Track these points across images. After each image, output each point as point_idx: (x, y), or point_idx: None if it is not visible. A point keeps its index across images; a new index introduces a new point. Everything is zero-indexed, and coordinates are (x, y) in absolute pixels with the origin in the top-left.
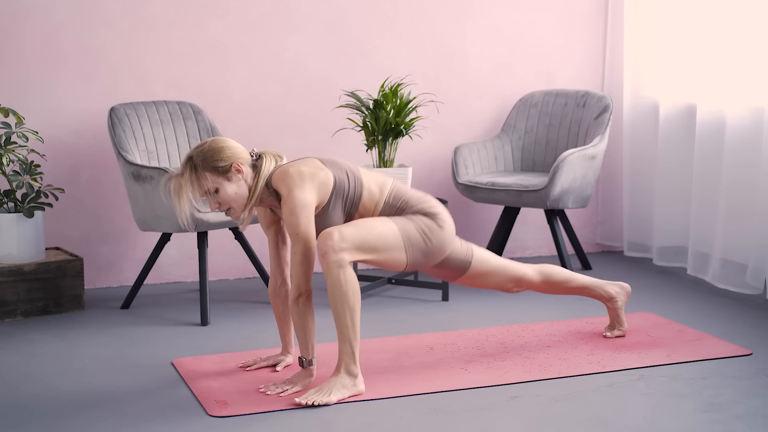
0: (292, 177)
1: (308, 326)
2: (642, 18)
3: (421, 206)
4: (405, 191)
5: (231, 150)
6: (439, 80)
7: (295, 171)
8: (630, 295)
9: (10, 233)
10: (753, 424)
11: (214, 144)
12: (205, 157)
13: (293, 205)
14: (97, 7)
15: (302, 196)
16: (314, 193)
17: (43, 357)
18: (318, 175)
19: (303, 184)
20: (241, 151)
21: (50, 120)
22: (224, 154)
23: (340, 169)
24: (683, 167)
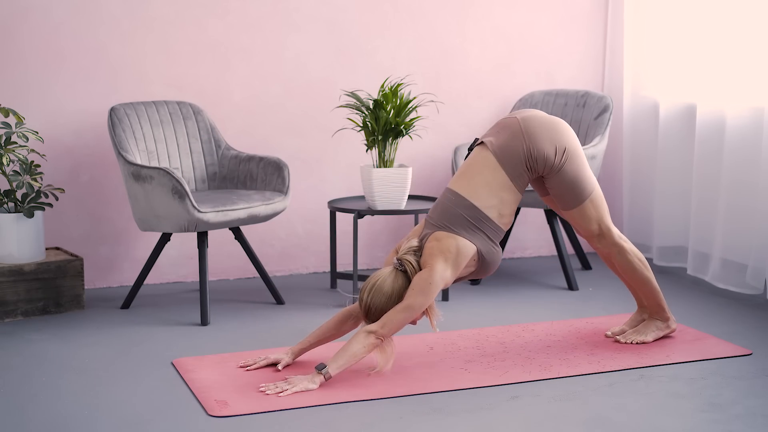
0: (432, 255)
1: (355, 356)
2: (642, 18)
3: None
4: (514, 153)
5: (395, 293)
6: (439, 80)
7: (437, 249)
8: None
9: (10, 233)
10: (752, 424)
11: (380, 295)
12: (379, 313)
13: (427, 276)
14: (97, 7)
15: (438, 271)
16: (451, 268)
17: (43, 357)
18: (452, 250)
19: (441, 259)
20: (396, 282)
21: (50, 120)
22: (393, 303)
23: (466, 226)
24: (683, 167)
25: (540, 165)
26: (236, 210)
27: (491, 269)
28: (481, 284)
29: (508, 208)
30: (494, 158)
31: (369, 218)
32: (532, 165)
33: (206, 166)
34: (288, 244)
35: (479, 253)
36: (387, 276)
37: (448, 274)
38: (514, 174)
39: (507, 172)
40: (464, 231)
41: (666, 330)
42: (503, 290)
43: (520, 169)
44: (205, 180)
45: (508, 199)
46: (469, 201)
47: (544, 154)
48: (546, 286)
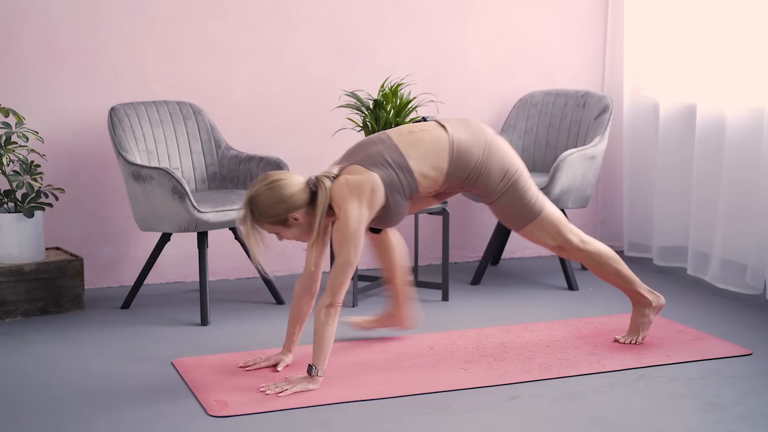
0: (342, 195)
1: (328, 337)
2: (642, 18)
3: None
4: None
5: (285, 202)
6: (439, 80)
7: (345, 186)
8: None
9: (10, 233)
10: (752, 424)
11: (269, 196)
12: (260, 213)
13: (345, 222)
14: (97, 7)
15: (355, 213)
16: (366, 209)
17: (43, 357)
18: (364, 186)
19: (353, 199)
20: (298, 195)
21: (50, 120)
22: (278, 208)
23: (384, 166)
24: (683, 167)
25: (479, 185)
26: (236, 210)
27: (391, 220)
28: (481, 284)
29: (428, 181)
30: (448, 145)
31: None
32: (473, 179)
33: (206, 166)
34: (288, 244)
35: (385, 192)
36: (295, 183)
37: (365, 215)
38: (453, 171)
39: (450, 162)
40: (380, 169)
41: (654, 312)
42: (503, 290)
43: (462, 173)
44: (205, 180)
45: (432, 176)
46: (401, 150)
47: (488, 178)
48: (546, 286)
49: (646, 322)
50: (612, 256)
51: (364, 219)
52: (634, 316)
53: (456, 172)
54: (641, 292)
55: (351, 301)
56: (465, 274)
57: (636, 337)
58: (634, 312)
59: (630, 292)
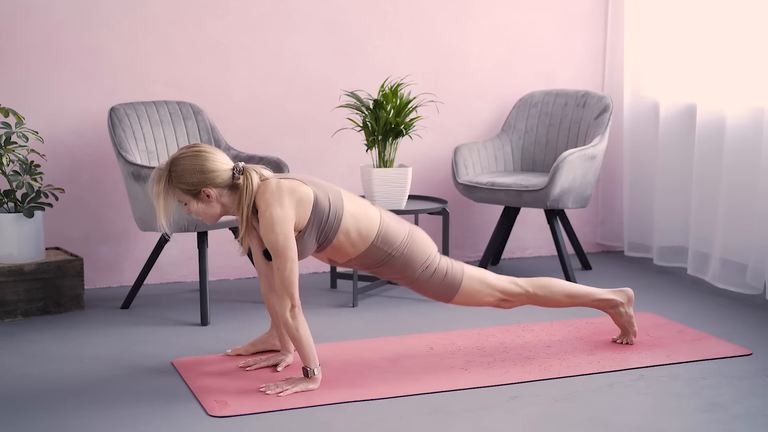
0: (272, 192)
1: (305, 337)
2: (642, 18)
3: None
4: (392, 239)
5: (204, 175)
6: (439, 80)
7: (275, 186)
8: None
9: (10, 233)
10: (753, 424)
11: (190, 163)
12: (178, 176)
13: (271, 221)
14: (97, 7)
15: (280, 212)
16: (292, 209)
17: (43, 357)
18: (298, 191)
19: (282, 199)
20: (217, 174)
21: (50, 120)
22: (195, 178)
23: (322, 190)
24: (683, 167)
25: (399, 264)
26: None
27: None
28: None
29: (348, 242)
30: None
31: None
32: (397, 256)
33: None
34: None
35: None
36: (222, 162)
37: (289, 213)
38: (377, 244)
39: (377, 236)
40: (320, 194)
41: (628, 308)
42: None
43: (386, 248)
44: None
45: (354, 240)
46: (343, 200)
47: (411, 256)
48: None
49: (627, 320)
50: (552, 281)
51: (289, 215)
52: (614, 319)
53: (380, 245)
54: (604, 298)
55: (351, 302)
56: None
57: (628, 336)
58: (612, 317)
59: (593, 304)
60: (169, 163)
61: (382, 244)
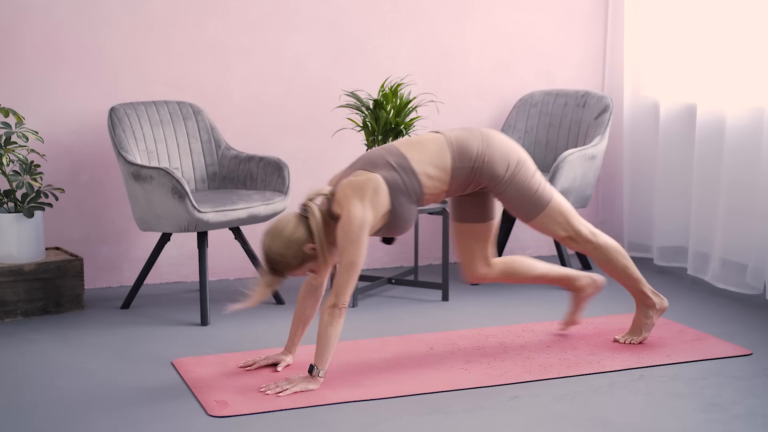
0: (346, 196)
1: (331, 338)
2: (642, 18)
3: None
4: (467, 150)
5: (293, 242)
6: (439, 80)
7: (349, 189)
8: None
9: (10, 233)
10: (753, 424)
11: (277, 245)
12: (281, 262)
13: (349, 225)
14: (97, 7)
15: (357, 215)
16: (369, 209)
17: (43, 357)
18: (367, 187)
19: (357, 200)
20: (297, 230)
21: (50, 120)
22: (291, 250)
23: (387, 168)
24: (683, 167)
25: (485, 173)
26: (236, 210)
27: (402, 226)
28: (481, 284)
29: (433, 181)
30: (446, 141)
31: None
32: (478, 167)
33: (206, 166)
34: None
35: (390, 195)
36: (290, 221)
37: (369, 215)
38: (458, 164)
39: (452, 156)
40: (383, 170)
41: (658, 314)
42: (503, 290)
43: (466, 164)
44: (205, 180)
45: (436, 175)
46: (400, 150)
47: (493, 164)
48: (546, 285)
49: (648, 324)
50: (621, 251)
51: (368, 219)
52: (637, 316)
53: (460, 164)
54: (646, 293)
55: (351, 302)
56: None
57: (636, 337)
58: (637, 312)
59: (635, 291)
60: (265, 262)
61: (460, 162)
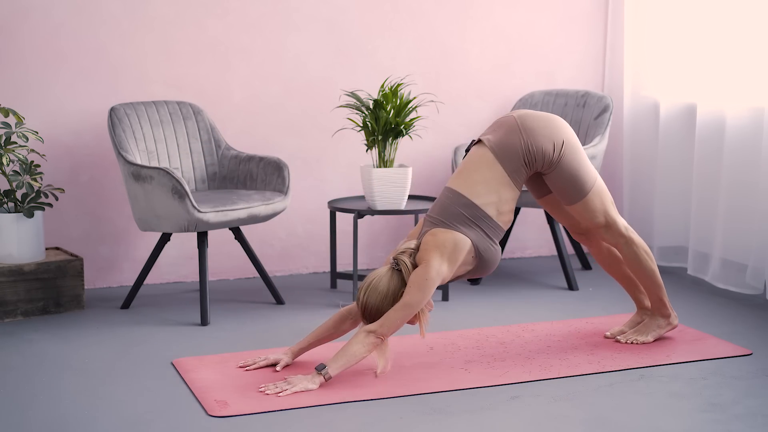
0: (428, 249)
1: (355, 355)
2: (642, 18)
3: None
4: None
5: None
6: (439, 80)
7: (433, 244)
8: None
9: (10, 233)
10: (753, 424)
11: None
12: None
13: (424, 272)
14: (97, 7)
15: (434, 266)
16: (447, 263)
17: (43, 357)
18: (448, 245)
19: (437, 253)
20: (392, 282)
21: (50, 120)
22: (388, 302)
23: (466, 225)
24: (683, 167)
25: (539, 160)
26: (236, 210)
27: (489, 268)
28: (481, 284)
29: (506, 205)
30: (492, 155)
31: (369, 218)
32: (530, 160)
33: (206, 166)
34: (288, 244)
35: (476, 249)
36: (383, 275)
37: (444, 269)
38: (512, 169)
39: (505, 167)
40: (462, 227)
41: (667, 327)
42: (503, 290)
43: (518, 164)
44: (205, 180)
45: (506, 196)
46: (468, 198)
47: (542, 149)
48: (546, 286)
49: (657, 332)
50: (650, 254)
51: (444, 272)
52: (649, 321)
53: (514, 167)
54: (665, 302)
55: (351, 302)
56: None
57: (642, 336)
58: (650, 318)
59: (655, 298)
60: (364, 318)
61: (511, 165)
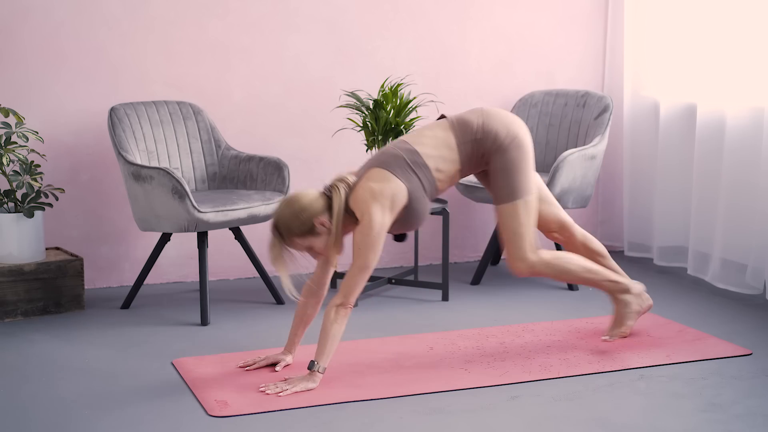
0: (364, 200)
1: (334, 335)
2: (642, 18)
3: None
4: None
5: (307, 210)
6: (439, 80)
7: (370, 193)
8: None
9: (10, 233)
10: (753, 424)
11: (291, 208)
12: (287, 227)
13: (368, 230)
14: (97, 8)
15: (377, 220)
16: (388, 213)
17: (43, 357)
18: (386, 193)
19: (378, 204)
20: (316, 202)
21: (50, 120)
22: (302, 216)
23: (403, 167)
24: (683, 167)
25: (488, 140)
26: (236, 210)
27: (416, 221)
28: (481, 284)
29: (445, 166)
30: (448, 123)
31: None
32: (481, 137)
33: (206, 166)
34: None
35: (409, 197)
36: (310, 193)
37: (387, 220)
38: (462, 140)
39: (456, 136)
40: (399, 170)
41: (638, 303)
42: (503, 290)
43: (469, 137)
44: (205, 180)
45: (448, 158)
46: (411, 146)
47: (494, 130)
48: (546, 286)
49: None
50: (570, 257)
51: (386, 222)
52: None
53: (463, 140)
54: (615, 280)
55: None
56: (465, 274)
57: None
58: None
59: (606, 284)
60: (273, 227)
61: (463, 137)
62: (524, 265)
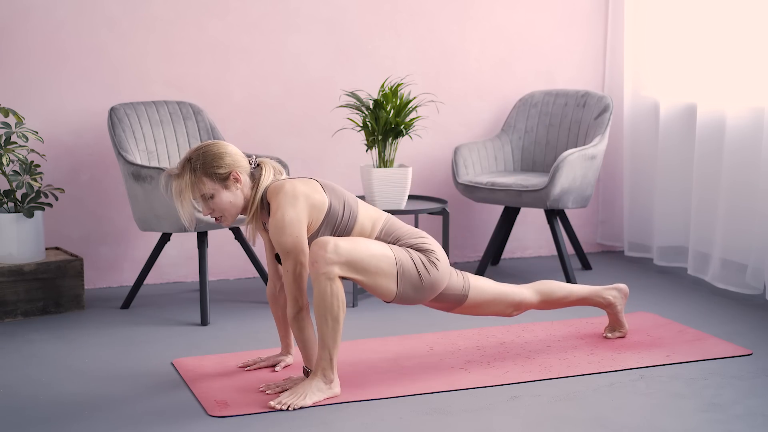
0: (285, 193)
1: (310, 338)
2: (642, 18)
3: (414, 241)
4: (398, 227)
5: (231, 157)
6: (439, 80)
7: (291, 187)
8: (628, 295)
9: (10, 233)
10: (753, 424)
11: (215, 148)
12: (205, 162)
13: (282, 222)
14: (98, 7)
15: (292, 213)
16: (305, 213)
17: (43, 357)
18: (313, 197)
19: (295, 202)
20: (241, 159)
21: (50, 120)
22: (224, 160)
23: (337, 197)
24: (683, 167)
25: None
26: None
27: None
28: None
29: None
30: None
31: None
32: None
33: None
34: None
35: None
36: (239, 150)
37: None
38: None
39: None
40: (331, 192)
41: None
42: None
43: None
44: None
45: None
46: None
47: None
48: None
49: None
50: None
51: (302, 218)
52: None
53: (384, 236)
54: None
55: (351, 302)
56: None
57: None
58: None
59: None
60: (188, 157)
61: (386, 235)
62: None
